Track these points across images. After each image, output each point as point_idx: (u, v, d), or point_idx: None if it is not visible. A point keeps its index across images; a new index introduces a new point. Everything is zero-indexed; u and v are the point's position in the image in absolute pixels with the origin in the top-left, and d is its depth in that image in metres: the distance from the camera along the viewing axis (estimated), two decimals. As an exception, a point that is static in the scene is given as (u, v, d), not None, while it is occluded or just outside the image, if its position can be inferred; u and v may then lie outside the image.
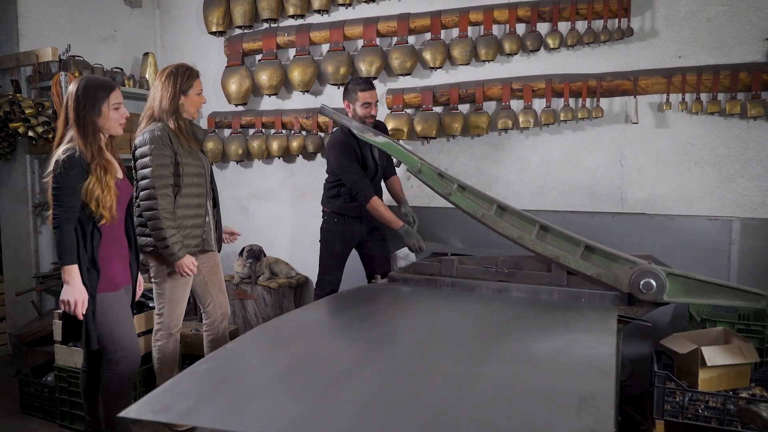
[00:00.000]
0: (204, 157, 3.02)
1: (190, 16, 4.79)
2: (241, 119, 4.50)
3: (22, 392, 3.37)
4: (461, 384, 1.51)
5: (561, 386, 1.49)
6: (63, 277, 2.34)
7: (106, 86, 2.42)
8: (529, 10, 3.63)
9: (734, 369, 2.43)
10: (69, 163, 2.31)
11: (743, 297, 2.35)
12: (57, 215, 2.33)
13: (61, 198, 2.32)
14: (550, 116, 3.61)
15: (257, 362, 1.68)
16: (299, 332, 2.01)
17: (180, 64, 2.95)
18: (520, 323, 2.16)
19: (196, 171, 2.89)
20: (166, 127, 2.79)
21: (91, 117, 2.37)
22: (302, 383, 1.50)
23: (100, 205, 2.35)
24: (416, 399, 1.42)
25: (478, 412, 1.34)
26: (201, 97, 2.94)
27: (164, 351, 2.99)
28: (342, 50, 4.11)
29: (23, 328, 3.77)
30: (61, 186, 2.31)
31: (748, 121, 3.28)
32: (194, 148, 2.92)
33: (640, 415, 3.02)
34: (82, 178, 2.33)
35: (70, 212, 2.33)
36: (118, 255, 2.52)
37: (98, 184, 2.34)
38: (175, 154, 2.78)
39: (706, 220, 3.30)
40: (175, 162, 2.79)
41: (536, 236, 2.60)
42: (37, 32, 4.05)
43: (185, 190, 2.83)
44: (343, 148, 3.29)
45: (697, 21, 3.35)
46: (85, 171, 2.34)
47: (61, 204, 2.32)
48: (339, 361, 1.68)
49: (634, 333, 3.22)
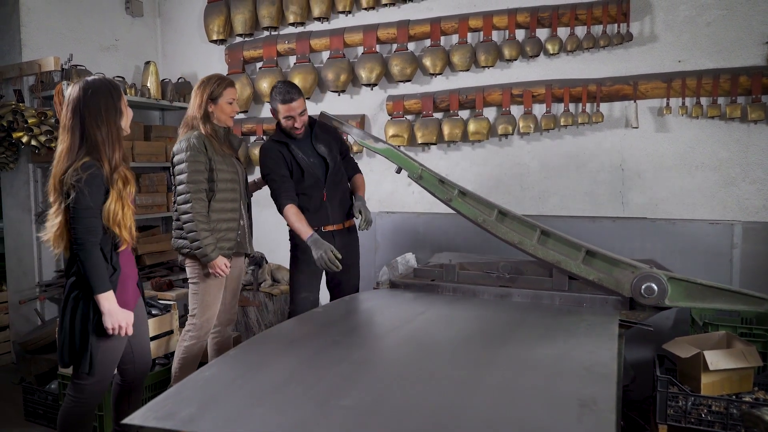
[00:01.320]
0: (238, 163, 3.08)
1: (191, 25, 4.81)
2: (243, 127, 4.51)
3: (25, 400, 3.38)
4: (462, 389, 1.51)
5: (562, 391, 1.49)
6: (102, 305, 2.15)
7: (115, 85, 2.28)
8: (529, 15, 3.64)
9: (737, 373, 2.42)
10: (92, 182, 2.12)
11: (745, 301, 2.34)
12: (82, 239, 2.12)
13: (84, 220, 2.12)
14: (551, 121, 3.62)
15: (259, 369, 1.68)
16: (302, 338, 2.01)
17: (214, 74, 3.03)
18: (522, 328, 2.15)
19: (230, 177, 2.96)
20: (201, 135, 2.87)
21: (115, 118, 2.22)
22: (304, 389, 1.51)
23: (121, 227, 2.18)
24: (417, 404, 1.42)
25: (479, 418, 1.34)
26: (232, 106, 2.98)
27: (189, 352, 3.00)
28: (342, 57, 4.13)
29: (26, 336, 3.78)
30: (85, 207, 2.12)
31: (749, 125, 3.28)
32: (228, 153, 2.99)
33: (643, 419, 3.01)
34: (104, 197, 2.16)
35: (96, 234, 2.15)
36: (130, 274, 2.37)
37: (119, 202, 2.17)
38: (210, 160, 2.86)
39: (707, 224, 3.30)
40: (210, 168, 2.87)
41: (537, 241, 2.59)
42: (39, 42, 4.08)
43: (219, 195, 2.90)
44: (268, 153, 3.07)
45: (697, 25, 3.36)
46: (106, 188, 2.16)
47: (86, 226, 2.12)
48: (341, 366, 1.68)
49: (637, 338, 3.21)
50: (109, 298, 2.16)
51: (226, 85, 2.96)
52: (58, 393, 3.19)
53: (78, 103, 2.20)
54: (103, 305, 2.16)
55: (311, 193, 3.08)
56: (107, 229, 2.18)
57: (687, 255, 3.28)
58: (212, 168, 2.87)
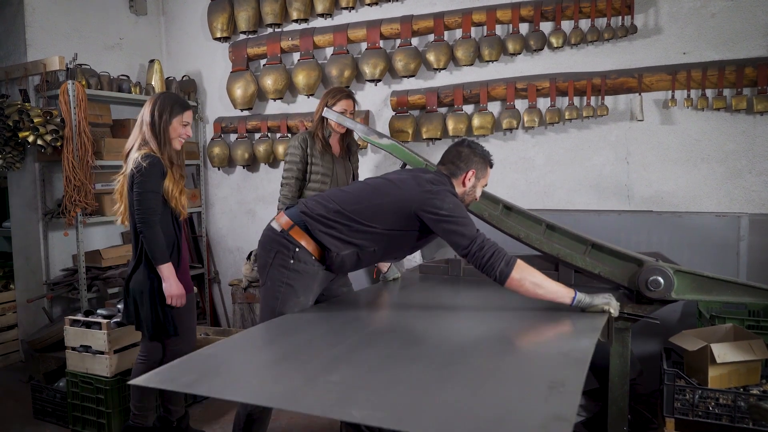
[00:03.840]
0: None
1: (195, 23, 4.82)
2: (247, 124, 4.52)
3: (34, 398, 3.40)
4: (443, 369, 1.59)
5: (536, 374, 1.57)
6: (162, 275, 2.57)
7: (181, 102, 2.67)
8: (532, 9, 3.63)
9: (744, 366, 2.41)
10: (152, 168, 2.52)
11: (753, 293, 2.33)
12: (145, 219, 2.52)
13: (147, 201, 2.52)
14: (555, 115, 3.61)
15: (258, 349, 1.81)
16: (304, 325, 2.07)
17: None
18: (515, 318, 2.19)
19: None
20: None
21: (165, 124, 2.60)
22: (297, 366, 1.64)
23: (177, 202, 2.61)
24: (400, 381, 1.51)
25: (454, 396, 1.41)
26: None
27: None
28: (346, 53, 4.12)
29: (35, 334, 3.80)
30: (146, 191, 2.52)
31: (755, 117, 3.26)
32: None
33: (650, 413, 3.01)
34: (162, 181, 2.56)
35: (156, 215, 2.54)
36: (185, 259, 2.79)
37: (173, 184, 2.60)
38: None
39: (714, 216, 3.28)
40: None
41: (543, 235, 2.59)
42: (44, 42, 4.10)
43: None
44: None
45: (701, 17, 3.34)
46: (164, 174, 2.57)
47: (148, 207, 2.52)
48: (334, 349, 1.76)
49: (644, 331, 3.20)
50: (168, 269, 2.58)
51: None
52: (66, 391, 3.21)
53: (149, 104, 2.64)
54: (163, 274, 2.58)
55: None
56: (166, 203, 2.61)
57: (693, 248, 3.26)
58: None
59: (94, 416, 3.12)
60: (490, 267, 2.07)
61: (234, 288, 4.31)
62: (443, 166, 2.39)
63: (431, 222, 2.16)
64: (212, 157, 4.62)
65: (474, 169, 2.34)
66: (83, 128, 3.75)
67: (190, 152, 4.69)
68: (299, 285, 2.26)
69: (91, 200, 3.79)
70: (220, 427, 3.27)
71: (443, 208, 2.14)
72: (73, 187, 3.71)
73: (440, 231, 2.16)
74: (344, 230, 2.23)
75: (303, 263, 2.26)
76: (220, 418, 3.38)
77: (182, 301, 2.63)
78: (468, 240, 2.10)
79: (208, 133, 4.79)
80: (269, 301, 2.28)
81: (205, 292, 4.83)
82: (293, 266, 2.25)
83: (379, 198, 2.24)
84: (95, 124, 4.02)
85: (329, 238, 2.23)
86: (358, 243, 2.24)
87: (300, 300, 2.27)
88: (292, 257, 2.25)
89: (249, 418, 2.29)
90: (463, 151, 2.36)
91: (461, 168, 2.33)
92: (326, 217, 2.24)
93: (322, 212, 2.25)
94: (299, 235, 2.25)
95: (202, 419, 3.36)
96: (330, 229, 2.23)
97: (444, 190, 2.21)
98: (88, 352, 3.10)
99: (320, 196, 2.35)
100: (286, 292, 2.25)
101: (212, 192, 4.88)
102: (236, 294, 4.28)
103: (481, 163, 2.36)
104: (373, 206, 2.23)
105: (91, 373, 3.10)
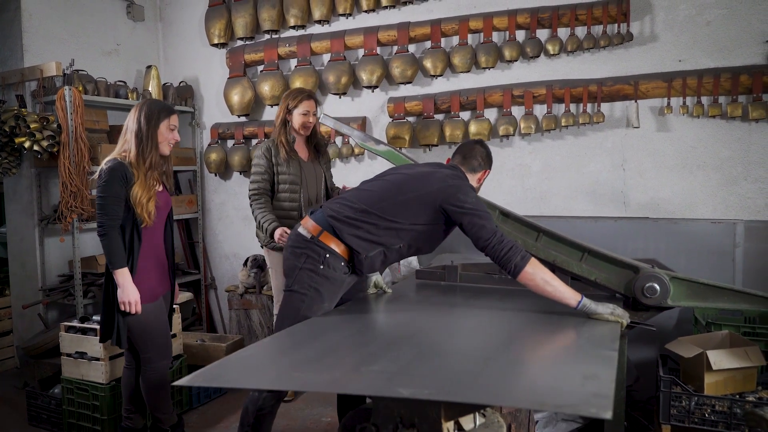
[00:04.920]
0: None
1: (192, 29, 4.83)
2: (244, 130, 4.52)
3: (29, 404, 3.38)
4: (480, 361, 1.65)
5: (568, 367, 1.62)
6: (116, 281, 2.52)
7: (166, 108, 2.66)
8: (529, 16, 3.65)
9: (740, 372, 2.42)
10: (112, 173, 2.48)
11: (748, 300, 2.34)
12: (102, 223, 2.49)
13: (106, 207, 2.48)
14: (552, 122, 3.62)
15: (293, 349, 1.82)
16: (331, 326, 2.10)
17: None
18: (531, 321, 2.20)
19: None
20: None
21: (153, 130, 2.58)
22: (337, 359, 1.71)
23: (143, 209, 2.53)
24: (439, 371, 1.57)
25: (494, 382, 1.47)
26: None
27: None
28: (343, 60, 4.13)
29: (30, 340, 3.79)
30: (106, 195, 2.48)
31: (750, 124, 3.28)
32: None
33: (646, 419, 3.01)
34: (125, 186, 2.50)
35: (115, 220, 2.50)
36: (155, 264, 2.69)
37: (143, 190, 2.53)
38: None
39: (709, 223, 3.29)
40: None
41: (539, 242, 2.60)
42: (41, 47, 4.09)
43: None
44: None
45: (697, 24, 3.36)
46: (128, 179, 2.50)
47: (106, 212, 2.48)
48: (369, 347, 1.83)
49: (640, 338, 3.20)
50: (123, 274, 2.51)
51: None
52: (61, 397, 3.19)
53: (133, 111, 2.63)
54: (118, 280, 2.51)
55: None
56: (129, 210, 2.53)
57: (689, 254, 3.27)
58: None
59: (89, 423, 3.10)
60: (508, 260, 2.15)
61: (230, 294, 4.30)
62: (463, 161, 2.50)
63: (456, 215, 2.24)
64: (209, 163, 4.62)
65: (488, 170, 2.53)
66: (80, 134, 3.75)
67: (187, 158, 4.68)
68: (326, 290, 2.30)
69: (87, 206, 3.78)
70: (216, 434, 3.26)
71: (468, 201, 2.24)
72: (69, 193, 3.70)
73: (465, 223, 2.23)
74: (372, 229, 2.28)
75: (332, 269, 2.29)
76: (216, 424, 3.36)
77: (136, 309, 2.54)
78: (489, 233, 2.19)
79: (205, 139, 4.79)
80: (295, 304, 2.29)
81: (201, 299, 4.82)
82: (322, 272, 2.28)
83: (404, 194, 2.31)
84: (92, 129, 4.01)
85: (357, 240, 2.28)
86: (385, 242, 2.30)
87: (325, 306, 2.30)
88: (323, 263, 2.28)
89: (260, 413, 2.28)
90: (483, 150, 2.52)
91: (481, 166, 2.50)
92: (353, 218, 2.29)
93: (349, 214, 2.30)
94: (329, 240, 2.29)
95: (199, 425, 3.35)
96: (357, 230, 2.28)
97: (466, 185, 2.35)
98: (83, 358, 3.09)
99: (344, 198, 2.39)
100: (313, 296, 2.28)
101: (209, 198, 4.88)
102: (233, 300, 4.28)
103: (490, 165, 2.56)
104: (399, 202, 2.29)
105: (86, 380, 3.09)
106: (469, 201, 2.25)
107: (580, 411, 1.27)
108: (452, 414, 1.61)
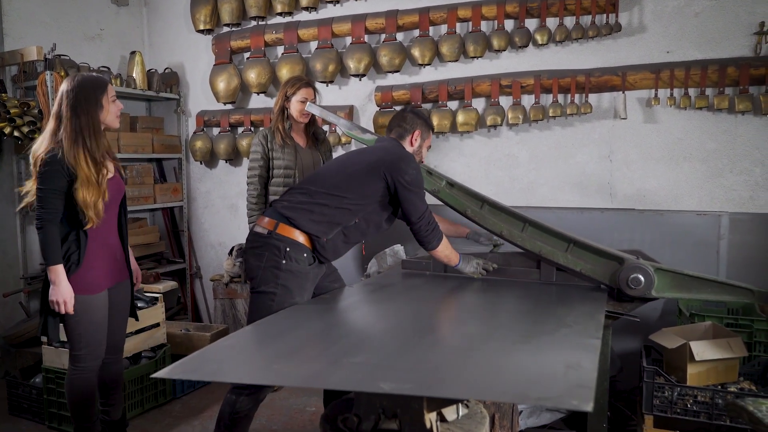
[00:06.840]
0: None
1: (178, 14, 4.75)
2: (230, 118, 4.47)
3: (10, 394, 3.35)
4: (462, 353, 1.67)
5: (551, 358, 1.63)
6: (50, 277, 2.36)
7: (101, 81, 2.45)
8: (518, 6, 3.62)
9: (723, 363, 2.44)
10: (51, 164, 2.31)
11: (732, 292, 2.35)
12: (40, 216, 2.33)
13: (44, 199, 2.32)
14: (539, 112, 3.60)
15: (274, 339, 1.80)
16: (313, 315, 2.09)
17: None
18: (515, 311, 2.22)
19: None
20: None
21: (94, 112, 2.38)
22: (318, 351, 1.71)
23: (87, 208, 2.33)
24: (421, 363, 1.57)
25: (477, 373, 1.49)
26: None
27: None
28: (330, 48, 4.09)
29: (11, 329, 3.74)
30: (44, 187, 2.32)
31: (736, 116, 3.28)
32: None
33: (629, 410, 3.03)
34: (65, 179, 2.32)
35: (54, 213, 2.33)
36: (103, 255, 2.50)
37: (85, 186, 2.32)
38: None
39: (695, 215, 3.30)
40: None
41: (525, 232, 2.59)
42: (22, 31, 4.01)
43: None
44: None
45: (685, 16, 3.35)
46: (68, 172, 2.32)
47: (44, 205, 2.32)
48: (350, 337, 1.84)
49: (624, 328, 3.22)
50: (57, 271, 2.34)
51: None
52: (42, 387, 3.16)
53: (63, 94, 2.38)
54: (51, 276, 2.35)
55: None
56: (72, 207, 2.35)
57: (674, 246, 3.29)
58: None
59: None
60: (429, 240, 2.44)
61: (215, 283, 4.27)
62: (391, 131, 2.60)
63: (395, 184, 2.33)
64: (194, 151, 4.56)
65: (419, 130, 2.57)
66: (62, 120, 3.68)
67: (172, 146, 4.62)
68: (293, 285, 2.26)
69: (69, 193, 3.72)
70: (200, 423, 3.24)
71: (408, 173, 2.33)
72: (50, 180, 3.63)
73: (401, 196, 2.35)
74: (324, 210, 2.30)
75: (295, 262, 2.27)
76: (200, 413, 3.35)
77: (67, 309, 2.36)
78: (420, 212, 2.38)
79: (190, 126, 4.73)
80: (265, 304, 2.23)
81: (186, 288, 4.78)
82: (285, 266, 2.25)
83: (351, 167, 2.41)
84: (74, 115, 3.94)
85: (313, 224, 2.29)
86: (340, 220, 2.32)
87: (296, 301, 2.26)
88: (284, 257, 2.25)
89: (235, 416, 2.26)
90: (408, 115, 2.60)
91: (407, 130, 2.57)
92: (305, 202, 2.32)
93: (301, 199, 2.33)
94: (286, 231, 2.27)
95: (182, 415, 3.33)
96: (311, 214, 2.29)
97: (406, 153, 2.47)
98: (65, 347, 3.05)
99: (293, 188, 2.44)
100: (282, 293, 2.24)
101: (194, 186, 4.83)
102: (218, 289, 4.24)
103: (424, 125, 2.61)
104: (346, 176, 2.37)
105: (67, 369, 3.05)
106: (410, 173, 2.34)
107: (561, 404, 1.27)
108: (435, 405, 1.60)
